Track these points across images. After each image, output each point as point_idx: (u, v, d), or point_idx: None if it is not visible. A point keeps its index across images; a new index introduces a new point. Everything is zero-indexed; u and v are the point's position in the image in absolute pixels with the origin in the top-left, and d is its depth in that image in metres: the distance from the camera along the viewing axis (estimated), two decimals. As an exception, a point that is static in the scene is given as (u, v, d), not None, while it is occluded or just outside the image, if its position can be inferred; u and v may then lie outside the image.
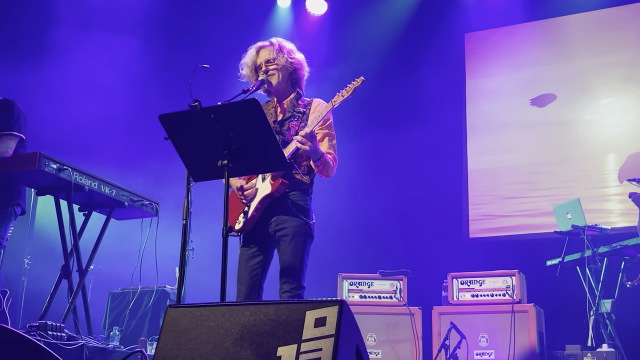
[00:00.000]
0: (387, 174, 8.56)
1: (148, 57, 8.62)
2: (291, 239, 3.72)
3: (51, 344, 4.10)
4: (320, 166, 3.75)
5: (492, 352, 5.89)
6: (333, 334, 2.41)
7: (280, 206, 3.79)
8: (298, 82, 4.04)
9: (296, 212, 3.76)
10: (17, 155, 4.99)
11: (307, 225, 3.78)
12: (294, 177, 3.82)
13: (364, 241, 8.17)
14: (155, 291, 6.51)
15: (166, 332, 2.69)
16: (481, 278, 6.21)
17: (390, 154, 8.61)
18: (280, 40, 4.06)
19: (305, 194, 3.84)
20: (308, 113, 3.90)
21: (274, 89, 3.99)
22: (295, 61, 4.00)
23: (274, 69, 3.97)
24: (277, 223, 3.78)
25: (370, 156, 8.60)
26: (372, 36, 8.96)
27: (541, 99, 8.25)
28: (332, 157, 3.84)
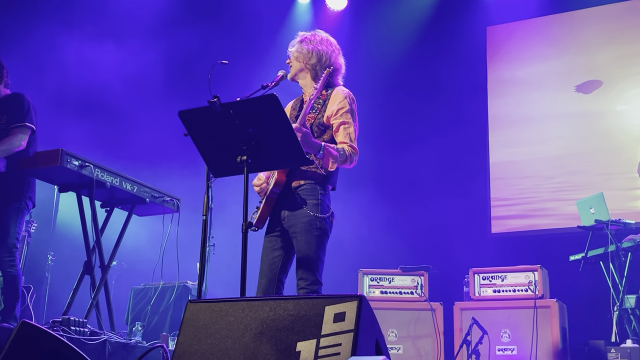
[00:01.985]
0: (408, 168, 8.52)
1: (167, 54, 8.66)
2: (302, 235, 3.67)
3: (74, 339, 4.14)
4: (324, 159, 3.63)
5: (514, 348, 5.85)
6: (352, 329, 2.41)
7: (289, 201, 3.73)
8: (329, 74, 3.91)
9: (304, 206, 3.70)
10: (40, 153, 5.04)
11: (318, 220, 3.67)
12: (306, 171, 3.72)
13: (385, 236, 8.14)
14: (176, 287, 6.54)
15: (186, 327, 2.70)
16: (503, 273, 6.16)
17: (411, 148, 8.57)
18: (313, 32, 3.99)
19: (317, 187, 3.73)
20: (327, 104, 3.84)
21: (292, 80, 3.97)
22: (312, 52, 3.89)
23: (290, 62, 3.96)
24: (289, 219, 3.73)
25: (392, 150, 8.57)
26: (392, 31, 8.93)
27: (587, 86, 8.13)
28: (348, 147, 3.71)
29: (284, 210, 3.75)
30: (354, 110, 3.84)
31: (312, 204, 3.69)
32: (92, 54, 8.27)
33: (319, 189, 3.73)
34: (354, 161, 3.75)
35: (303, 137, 3.51)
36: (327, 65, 3.89)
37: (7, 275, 4.95)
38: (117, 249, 5.49)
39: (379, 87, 8.45)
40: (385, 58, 8.72)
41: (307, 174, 3.73)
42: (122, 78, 8.38)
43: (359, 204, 8.01)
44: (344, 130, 3.76)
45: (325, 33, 4.03)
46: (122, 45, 8.45)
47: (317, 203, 3.69)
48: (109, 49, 8.39)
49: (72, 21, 8.32)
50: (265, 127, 3.32)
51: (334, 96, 3.81)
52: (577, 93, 8.13)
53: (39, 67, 7.69)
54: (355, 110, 3.84)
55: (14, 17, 7.70)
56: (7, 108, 5.15)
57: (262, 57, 8.49)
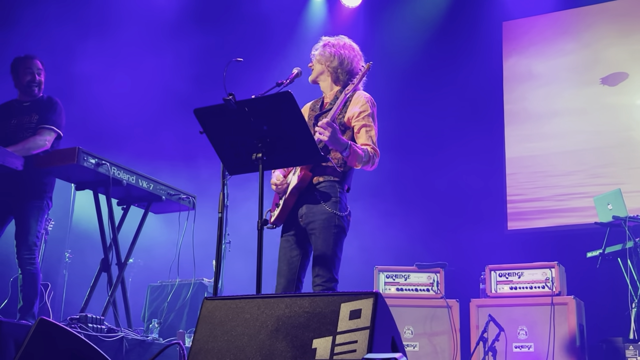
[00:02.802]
0: (424, 165, 8.50)
1: (183, 52, 8.69)
2: (320, 232, 3.68)
3: (91, 336, 4.17)
4: (350, 157, 3.66)
5: (531, 345, 5.82)
6: (368, 326, 2.41)
7: (308, 199, 3.75)
8: (344, 77, 3.95)
9: (323, 204, 3.72)
10: (56, 151, 5.10)
11: (337, 217, 3.69)
12: (325, 168, 3.76)
13: (401, 233, 8.13)
14: (192, 284, 6.57)
15: (202, 324, 2.71)
16: (520, 270, 6.13)
17: (427, 144, 8.55)
18: (338, 38, 4.03)
19: (335, 185, 3.76)
20: (348, 105, 3.85)
21: (313, 83, 4.01)
22: (334, 55, 3.94)
23: (312, 65, 4.01)
24: (307, 216, 3.75)
25: (407, 147, 8.54)
26: (407, 27, 8.90)
27: (612, 78, 8.05)
28: (371, 149, 3.74)
29: (302, 207, 3.77)
30: (375, 115, 3.91)
31: (331, 202, 3.71)
32: (110, 53, 8.33)
33: (337, 187, 3.76)
34: (375, 163, 3.80)
35: (332, 134, 3.53)
36: (349, 69, 3.95)
37: (27, 272, 5.01)
38: (134, 246, 5.51)
39: (394, 83, 8.43)
40: (400, 54, 8.70)
41: (326, 171, 3.76)
42: (138, 76, 8.43)
43: (374, 201, 8.00)
44: (366, 132, 3.80)
45: (348, 39, 4.08)
46: (139, 45, 8.51)
47: (336, 200, 3.72)
48: (127, 49, 8.44)
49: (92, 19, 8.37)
50: (281, 125, 3.32)
51: (355, 99, 3.85)
52: (602, 86, 8.04)
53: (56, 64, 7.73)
54: (375, 114, 3.92)
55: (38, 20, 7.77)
56: (40, 109, 5.26)
57: (277, 54, 8.50)
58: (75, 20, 8.14)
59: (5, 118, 5.32)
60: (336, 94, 3.94)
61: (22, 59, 5.36)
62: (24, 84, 5.32)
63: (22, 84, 5.34)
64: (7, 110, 5.37)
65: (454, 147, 8.39)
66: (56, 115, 5.27)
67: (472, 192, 8.16)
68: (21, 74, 5.33)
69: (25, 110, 5.29)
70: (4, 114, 5.36)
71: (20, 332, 3.70)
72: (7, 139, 5.04)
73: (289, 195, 3.76)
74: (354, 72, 3.96)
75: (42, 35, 7.57)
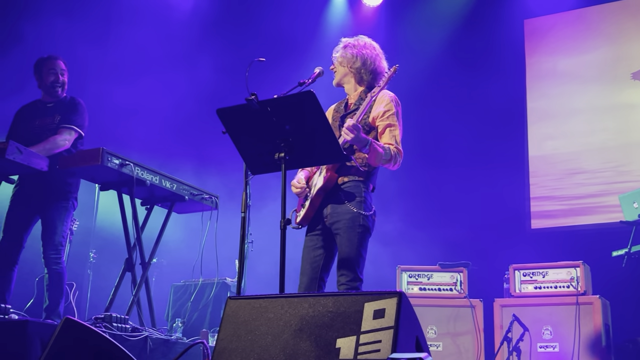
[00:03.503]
0: (446, 164, 8.46)
1: (203, 53, 8.73)
2: (345, 232, 3.69)
3: (116, 335, 4.19)
4: (370, 154, 3.65)
5: (556, 345, 5.77)
6: (392, 325, 2.40)
7: (333, 198, 3.76)
8: (367, 78, 3.97)
9: (348, 203, 3.72)
10: (81, 151, 5.14)
11: (362, 217, 3.70)
12: (350, 168, 3.77)
13: (423, 233, 8.09)
14: (216, 283, 6.59)
15: (226, 323, 2.72)
16: (544, 270, 6.08)
17: (449, 143, 8.50)
18: (355, 38, 4.03)
19: (360, 185, 3.77)
20: (373, 105, 3.83)
21: (337, 85, 4.02)
22: (357, 57, 3.94)
23: (335, 67, 4.02)
24: (332, 216, 3.76)
25: (430, 146, 8.51)
26: (428, 26, 8.86)
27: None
28: (394, 148, 3.74)
29: (327, 207, 3.78)
30: (399, 114, 3.90)
31: (356, 201, 3.72)
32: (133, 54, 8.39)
33: (362, 187, 3.76)
34: (398, 162, 3.79)
35: (357, 135, 3.54)
36: (372, 68, 3.95)
37: (53, 272, 5.06)
38: (157, 246, 5.54)
39: (415, 81, 8.40)
40: (421, 53, 8.66)
41: (351, 171, 3.76)
42: (161, 76, 8.48)
43: (397, 200, 7.98)
44: (390, 132, 3.80)
45: (368, 38, 4.08)
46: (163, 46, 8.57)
47: (361, 200, 3.73)
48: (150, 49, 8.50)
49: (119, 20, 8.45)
50: (303, 124, 3.32)
51: (379, 98, 3.84)
52: (629, 81, 7.94)
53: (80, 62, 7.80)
54: (400, 114, 3.91)
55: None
56: (62, 109, 5.31)
57: (299, 54, 8.50)
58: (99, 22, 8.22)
59: (29, 119, 5.37)
60: (360, 94, 3.94)
61: (45, 60, 5.41)
62: (47, 84, 5.37)
63: (45, 85, 5.39)
64: (31, 111, 5.42)
65: (477, 146, 8.34)
66: (77, 115, 5.31)
67: (495, 190, 8.10)
68: (45, 74, 5.38)
69: (49, 111, 5.34)
70: (28, 114, 5.41)
71: (46, 331, 3.74)
72: (31, 140, 5.10)
73: (315, 196, 3.78)
74: (377, 71, 3.96)
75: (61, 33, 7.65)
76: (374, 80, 3.96)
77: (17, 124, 5.43)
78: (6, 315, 4.13)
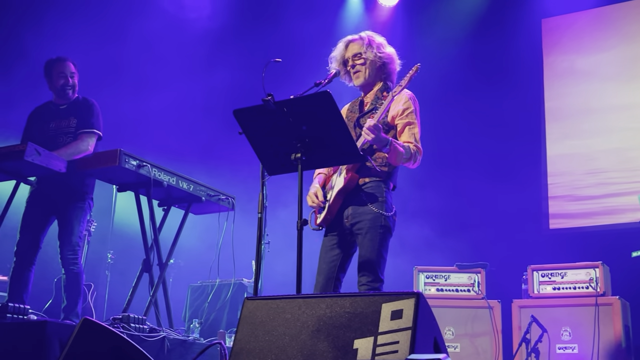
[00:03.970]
0: (463, 164, 8.42)
1: (219, 54, 8.76)
2: (366, 232, 3.68)
3: (134, 336, 4.21)
4: (391, 154, 3.64)
5: (575, 346, 5.72)
6: (410, 326, 2.39)
7: (354, 199, 3.76)
8: (388, 76, 3.97)
9: (370, 204, 3.71)
10: (98, 153, 5.17)
11: (383, 218, 3.69)
12: (370, 169, 3.76)
13: (440, 233, 8.06)
14: (232, 284, 6.60)
15: (244, 324, 2.72)
16: (563, 270, 6.04)
17: (466, 144, 8.47)
18: (370, 34, 4.00)
19: (381, 185, 3.75)
20: (391, 104, 3.81)
21: (363, 84, 3.98)
22: (384, 55, 3.94)
23: (361, 64, 3.95)
24: (353, 216, 3.75)
25: (446, 146, 8.47)
26: (445, 25, 8.83)
27: None
28: (413, 146, 3.73)
29: (348, 208, 3.76)
30: (417, 112, 3.89)
31: (378, 202, 3.71)
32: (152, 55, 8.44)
33: (383, 187, 3.75)
34: (418, 161, 3.77)
35: (377, 135, 3.53)
36: (390, 66, 3.97)
37: (70, 273, 5.09)
38: (175, 247, 5.56)
39: (432, 81, 8.36)
40: (438, 52, 8.62)
41: (371, 171, 3.75)
42: (179, 76, 8.53)
43: (414, 201, 7.95)
44: (409, 130, 3.79)
45: (378, 35, 4.04)
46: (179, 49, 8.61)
47: (382, 201, 3.72)
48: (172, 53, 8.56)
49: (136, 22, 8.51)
50: (319, 124, 3.32)
51: (397, 97, 3.81)
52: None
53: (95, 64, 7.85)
54: (418, 112, 3.89)
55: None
56: (77, 112, 5.34)
57: (314, 54, 8.49)
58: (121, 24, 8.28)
59: (43, 121, 5.40)
60: (376, 93, 3.93)
61: (54, 62, 5.41)
62: (57, 87, 5.39)
63: (56, 88, 5.40)
64: (45, 113, 5.44)
65: (495, 146, 8.29)
66: (94, 118, 5.34)
67: (512, 190, 8.05)
68: (55, 77, 5.39)
69: (63, 114, 5.37)
70: (42, 116, 5.44)
71: (65, 331, 3.76)
72: (47, 143, 5.12)
73: (335, 197, 3.76)
74: (393, 69, 3.96)
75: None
76: (390, 78, 3.95)
77: (31, 126, 5.45)
78: (25, 316, 4.16)
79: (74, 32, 7.70)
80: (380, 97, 3.86)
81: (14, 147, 4.67)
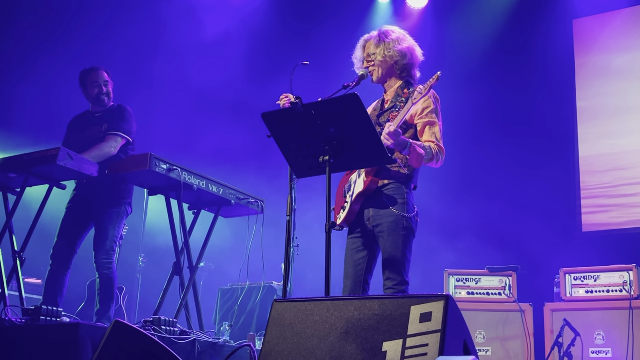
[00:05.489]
0: (494, 165, 8.35)
1: (247, 57, 8.81)
2: (388, 235, 3.65)
3: (165, 338, 4.24)
4: (411, 156, 3.59)
5: (608, 351, 5.64)
6: (439, 329, 2.37)
7: (375, 201, 3.73)
8: (407, 71, 3.92)
9: (391, 206, 3.67)
10: (130, 157, 5.22)
11: (405, 219, 3.65)
12: (390, 170, 3.72)
13: (471, 236, 8.00)
14: (262, 287, 6.62)
15: (273, 326, 2.72)
16: (596, 273, 5.95)
17: (497, 145, 8.39)
18: (385, 30, 3.96)
19: (402, 187, 3.72)
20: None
21: (378, 83, 3.96)
22: (396, 52, 3.88)
23: (373, 63, 3.93)
24: (374, 219, 3.72)
25: (477, 147, 8.41)
26: (475, 27, 8.77)
27: None
28: (435, 146, 3.67)
29: (369, 210, 3.74)
30: (439, 110, 3.81)
31: (399, 204, 3.67)
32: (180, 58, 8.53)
33: (404, 189, 3.71)
34: (441, 160, 3.71)
35: (397, 140, 3.50)
36: (410, 62, 3.90)
37: (104, 277, 5.15)
38: (205, 250, 5.59)
39: (462, 83, 8.32)
40: (468, 55, 8.58)
41: (391, 173, 3.72)
42: (204, 78, 8.59)
43: (443, 202, 7.90)
44: (429, 129, 3.73)
45: (398, 29, 4.00)
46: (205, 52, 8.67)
47: (404, 202, 3.68)
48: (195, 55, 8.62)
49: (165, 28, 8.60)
50: (348, 127, 3.31)
51: (417, 96, 3.72)
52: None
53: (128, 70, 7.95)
54: (439, 110, 3.81)
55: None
56: (109, 118, 5.42)
57: (343, 57, 8.49)
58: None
59: (80, 129, 5.49)
60: (397, 90, 3.88)
61: (88, 72, 5.51)
62: (92, 97, 5.49)
63: (91, 97, 5.50)
64: (81, 123, 5.54)
65: (527, 147, 8.21)
66: (124, 122, 5.40)
67: (544, 192, 7.96)
68: (89, 87, 5.49)
69: (97, 121, 5.46)
70: (79, 126, 5.53)
71: (97, 334, 3.80)
72: (82, 150, 5.18)
73: (355, 199, 3.74)
74: (413, 64, 3.91)
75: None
76: (411, 73, 3.91)
77: (69, 135, 5.57)
78: (58, 318, 4.21)
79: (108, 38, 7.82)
80: (401, 94, 3.82)
81: (47, 152, 4.74)
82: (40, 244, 5.42)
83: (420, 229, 3.83)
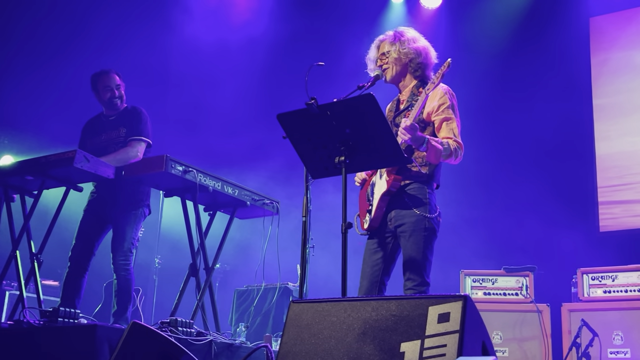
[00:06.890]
0: (509, 165, 8.31)
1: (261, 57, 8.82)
2: (410, 235, 3.64)
3: (181, 339, 4.24)
4: (428, 152, 3.58)
5: (627, 351, 5.59)
6: (457, 329, 2.36)
7: (397, 201, 3.71)
8: (421, 71, 3.91)
9: (413, 206, 3.66)
10: (145, 159, 5.23)
11: (427, 220, 3.64)
12: (410, 170, 3.71)
13: (487, 236, 7.96)
14: (278, 288, 6.62)
15: (290, 327, 2.72)
16: (614, 273, 5.91)
17: (513, 143, 8.35)
18: (400, 30, 3.95)
19: (423, 186, 3.70)
20: (426, 100, 3.75)
21: (392, 82, 3.95)
22: (411, 50, 3.87)
23: (387, 63, 3.92)
24: (396, 219, 3.71)
25: (493, 146, 8.37)
26: (490, 26, 8.73)
27: None
28: (453, 142, 3.65)
29: (391, 211, 3.72)
30: (455, 106, 3.79)
31: (421, 204, 3.65)
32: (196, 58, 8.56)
33: (426, 189, 3.70)
34: (459, 156, 3.69)
35: (414, 135, 3.48)
36: (424, 61, 3.88)
37: (122, 278, 5.17)
38: (220, 251, 5.59)
39: (477, 83, 8.28)
40: (483, 54, 8.54)
41: (412, 173, 3.70)
42: (220, 79, 8.61)
43: (460, 201, 7.87)
44: (446, 126, 3.71)
45: (413, 30, 3.99)
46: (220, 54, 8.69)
47: (426, 202, 3.66)
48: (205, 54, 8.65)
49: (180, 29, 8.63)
50: (363, 127, 3.30)
51: (432, 92, 3.71)
52: None
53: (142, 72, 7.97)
54: (456, 106, 3.79)
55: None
56: (126, 121, 5.43)
57: (357, 58, 8.48)
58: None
59: (95, 134, 5.51)
60: (412, 89, 3.87)
61: (99, 75, 5.52)
62: (105, 100, 5.51)
63: (103, 101, 5.52)
64: (96, 126, 5.56)
65: (543, 146, 8.17)
66: (143, 125, 5.42)
67: (561, 191, 7.91)
68: (101, 91, 5.50)
69: (113, 125, 5.47)
70: (94, 129, 5.55)
71: (114, 335, 3.81)
72: (99, 154, 5.20)
73: (380, 200, 3.72)
74: (428, 63, 3.89)
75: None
76: (425, 73, 3.89)
77: (84, 139, 5.59)
78: (75, 320, 4.23)
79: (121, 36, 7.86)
80: (416, 93, 3.80)
81: (63, 154, 4.76)
82: (58, 246, 5.45)
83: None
